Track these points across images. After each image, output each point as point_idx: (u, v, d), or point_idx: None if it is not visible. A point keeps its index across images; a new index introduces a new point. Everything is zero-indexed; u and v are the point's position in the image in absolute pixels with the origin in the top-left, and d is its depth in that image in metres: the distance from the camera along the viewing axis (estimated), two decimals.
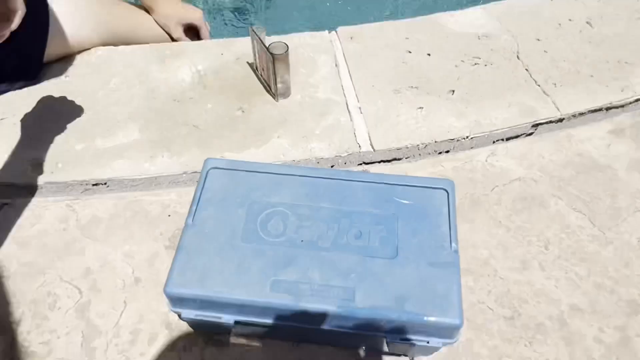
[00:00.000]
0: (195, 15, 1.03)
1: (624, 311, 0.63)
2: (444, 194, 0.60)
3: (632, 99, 0.86)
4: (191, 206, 0.58)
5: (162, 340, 0.62)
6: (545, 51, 0.95)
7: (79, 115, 0.87)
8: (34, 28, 0.80)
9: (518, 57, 0.95)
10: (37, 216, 0.75)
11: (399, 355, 0.60)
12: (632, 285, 0.66)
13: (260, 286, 0.51)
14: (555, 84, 0.90)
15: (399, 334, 0.51)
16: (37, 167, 0.79)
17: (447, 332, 0.50)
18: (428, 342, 0.51)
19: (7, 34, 0.64)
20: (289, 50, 0.84)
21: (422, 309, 0.49)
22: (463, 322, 0.50)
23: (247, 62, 0.96)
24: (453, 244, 0.55)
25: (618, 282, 0.66)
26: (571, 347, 0.60)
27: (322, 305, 0.49)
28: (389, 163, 0.82)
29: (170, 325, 0.63)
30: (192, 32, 1.05)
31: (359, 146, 0.84)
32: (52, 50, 0.88)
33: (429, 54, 0.96)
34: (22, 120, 0.85)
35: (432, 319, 0.48)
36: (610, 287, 0.66)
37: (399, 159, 0.83)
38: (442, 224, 0.57)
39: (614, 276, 0.68)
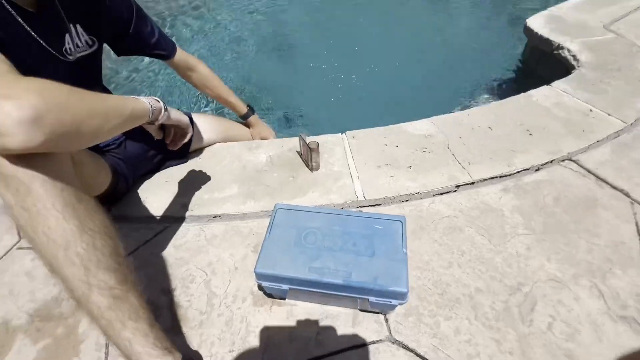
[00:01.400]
0: (269, 132, 1.15)
1: (507, 292, 0.68)
2: (400, 223, 0.65)
3: (514, 171, 0.91)
4: (268, 228, 0.65)
5: (249, 300, 0.69)
6: (463, 144, 0.98)
7: (206, 179, 0.94)
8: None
9: (448, 147, 0.97)
10: (183, 233, 0.82)
11: (377, 312, 0.67)
12: (512, 278, 0.70)
13: (302, 269, 0.58)
14: (469, 163, 0.93)
15: (375, 296, 0.57)
16: (184, 207, 0.87)
17: (400, 296, 0.57)
18: (390, 302, 0.57)
19: (182, 143, 0.79)
20: (319, 145, 0.88)
21: (387, 283, 0.56)
22: (409, 291, 0.59)
23: (296, 151, 0.99)
24: (404, 249, 0.60)
25: (504, 275, 0.70)
26: (475, 311, 0.65)
27: (334, 280, 0.57)
28: (373, 207, 0.84)
29: (253, 293, 0.70)
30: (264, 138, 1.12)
31: (357, 197, 0.86)
32: (194, 146, 0.99)
33: (396, 146, 0.99)
34: (178, 182, 0.94)
35: (392, 288, 0.56)
36: (499, 278, 0.70)
37: (379, 204, 0.85)
38: (398, 239, 0.62)
39: (501, 272, 0.71)
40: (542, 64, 1.62)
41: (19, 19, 0.54)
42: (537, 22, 1.63)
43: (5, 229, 0.85)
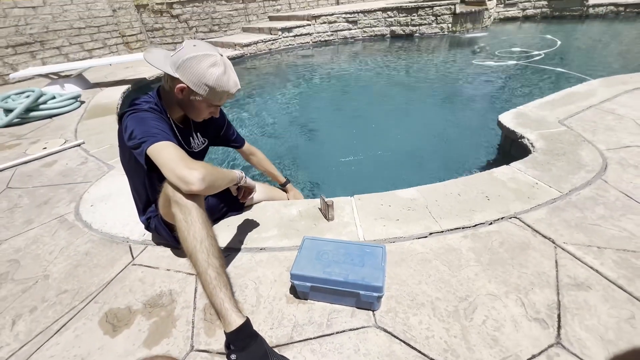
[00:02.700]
0: (299, 195, 1.57)
1: (457, 300, 0.96)
2: (381, 249, 0.99)
3: (473, 224, 1.23)
4: (299, 249, 1.06)
5: (284, 300, 1.00)
6: (438, 205, 1.34)
7: (255, 224, 1.31)
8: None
9: (426, 207, 1.31)
10: (240, 258, 1.16)
11: (367, 309, 1.00)
12: (462, 292, 0.98)
13: (319, 272, 0.92)
14: (440, 218, 1.28)
15: (364, 291, 0.92)
16: (240, 242, 1.26)
17: (378, 289, 0.89)
18: (372, 294, 0.92)
19: (249, 198, 1.23)
20: (334, 203, 1.31)
21: (370, 280, 0.91)
22: (385, 287, 0.94)
23: (318, 208, 1.34)
24: (383, 263, 0.94)
25: (457, 290, 1.01)
26: (434, 311, 0.93)
27: (338, 278, 0.94)
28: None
29: (287, 295, 1.02)
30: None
31: (359, 238, 1.22)
32: (247, 202, 1.41)
33: (389, 205, 1.34)
34: (236, 226, 1.32)
35: (372, 283, 0.93)
36: (453, 292, 0.99)
37: (374, 243, 1.24)
38: (379, 257, 0.95)
39: (455, 288, 0.99)
40: (513, 147, 2.08)
41: (176, 131, 1.08)
42: (507, 117, 2.16)
43: (123, 252, 1.29)
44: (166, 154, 0.81)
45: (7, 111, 2.57)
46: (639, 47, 4.73)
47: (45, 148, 2.11)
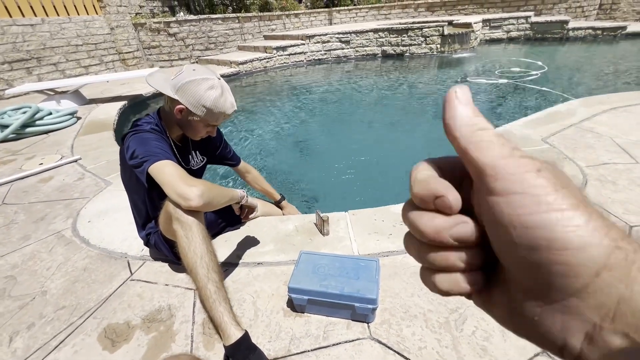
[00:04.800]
0: (295, 211, 1.62)
1: (448, 312, 1.03)
2: (375, 262, 1.06)
3: None
4: (296, 263, 1.17)
5: (281, 313, 1.06)
6: None
7: (252, 239, 1.36)
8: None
9: None
10: (237, 273, 1.24)
11: (362, 322, 1.03)
12: (453, 304, 1.05)
13: (316, 285, 1.00)
14: None
15: (359, 303, 1.01)
16: (238, 257, 1.38)
17: (372, 301, 0.96)
18: (367, 306, 0.97)
19: (251, 216, 1.28)
20: (329, 218, 1.46)
21: (365, 293, 1.02)
22: (379, 299, 0.98)
23: (314, 223, 1.40)
24: (377, 276, 1.03)
25: (448, 302, 1.08)
26: (426, 322, 1.03)
27: (334, 291, 1.03)
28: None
29: (284, 309, 1.09)
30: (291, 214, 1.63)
31: (353, 253, 1.37)
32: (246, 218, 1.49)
33: (382, 220, 1.41)
34: (234, 241, 1.44)
35: (367, 295, 1.00)
36: (444, 304, 1.06)
37: (368, 257, 1.29)
38: (373, 271, 1.01)
39: (446, 300, 1.06)
40: None
41: (175, 150, 1.14)
42: None
43: (122, 267, 1.31)
44: (167, 172, 0.87)
45: (3, 127, 2.59)
46: (615, 68, 5.04)
47: (41, 164, 2.13)
